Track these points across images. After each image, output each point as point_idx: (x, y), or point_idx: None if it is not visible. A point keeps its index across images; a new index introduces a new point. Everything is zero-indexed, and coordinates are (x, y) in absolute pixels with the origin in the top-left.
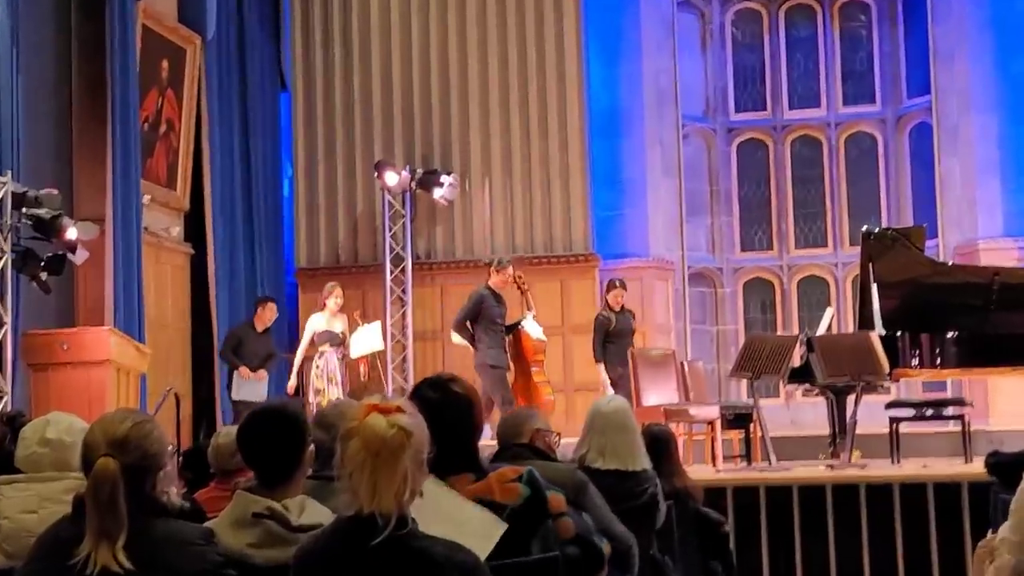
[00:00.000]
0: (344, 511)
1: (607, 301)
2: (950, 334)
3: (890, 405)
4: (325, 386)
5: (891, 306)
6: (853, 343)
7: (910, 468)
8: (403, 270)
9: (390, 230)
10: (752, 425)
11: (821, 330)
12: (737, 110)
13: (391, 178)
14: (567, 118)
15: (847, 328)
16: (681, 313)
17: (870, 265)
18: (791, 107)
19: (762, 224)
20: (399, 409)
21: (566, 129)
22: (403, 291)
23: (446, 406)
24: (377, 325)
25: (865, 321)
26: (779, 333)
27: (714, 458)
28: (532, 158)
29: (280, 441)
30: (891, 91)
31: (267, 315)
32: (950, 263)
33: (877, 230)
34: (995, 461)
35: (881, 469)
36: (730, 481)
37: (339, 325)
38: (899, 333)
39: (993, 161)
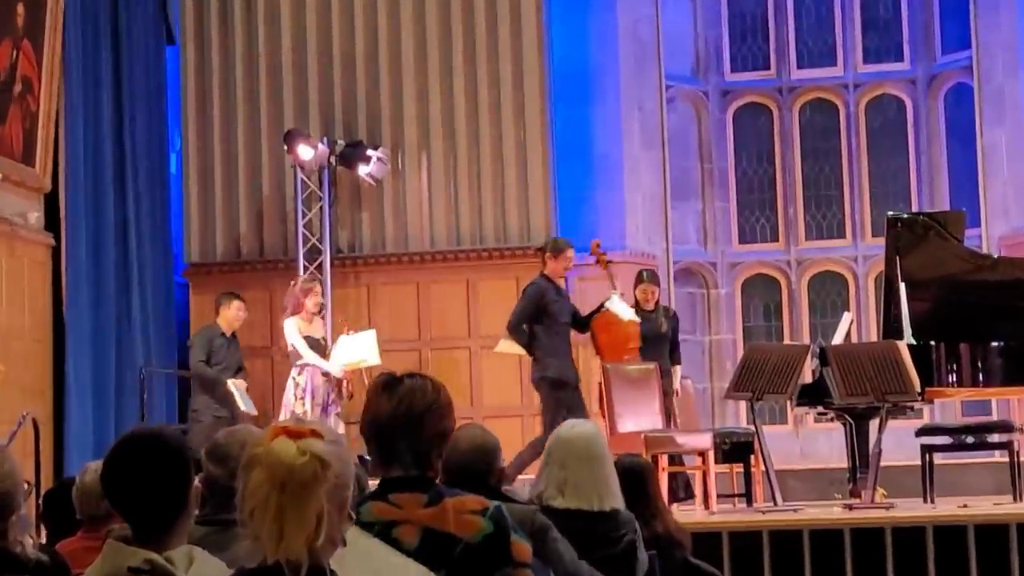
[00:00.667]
0: (245, 562)
1: (635, 298)
2: (995, 344)
3: (922, 432)
4: (308, 409)
5: (923, 310)
6: (876, 356)
7: (946, 508)
8: (320, 267)
9: (304, 217)
10: (753, 457)
11: (838, 339)
12: (733, 69)
13: (305, 152)
14: (524, 80)
15: (869, 337)
16: None
17: (897, 259)
18: (800, 65)
19: (765, 210)
20: (314, 433)
21: (523, 93)
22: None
23: (401, 404)
24: (371, 335)
25: (891, 329)
26: (786, 343)
27: (707, 497)
28: (481, 129)
29: (157, 478)
30: (922, 45)
31: (232, 314)
32: (995, 256)
33: (906, 216)
34: None
35: (911, 510)
36: (726, 525)
37: (319, 330)
38: (933, 343)
39: None
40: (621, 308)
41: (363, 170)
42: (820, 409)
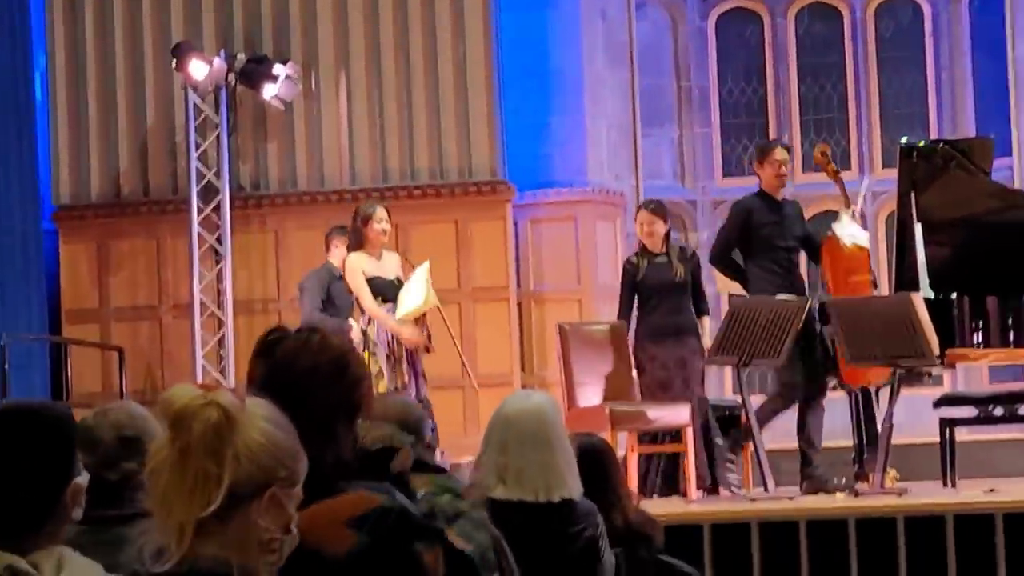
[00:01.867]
0: (149, 563)
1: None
2: None
3: (941, 402)
4: (385, 369)
5: (943, 256)
6: (887, 312)
7: (970, 493)
8: (218, 208)
9: (197, 148)
10: (741, 434)
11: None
12: None
13: (198, 69)
14: None
15: (880, 290)
16: None
17: (912, 196)
18: None
19: (755, 137)
20: (232, 393)
21: None
22: (218, 239)
23: (278, 370)
24: (420, 272)
25: (905, 279)
26: (778, 297)
27: (685, 482)
28: (411, 42)
29: (24, 464)
30: None
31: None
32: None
33: (922, 144)
34: None
35: (928, 495)
36: (709, 516)
37: (391, 269)
38: (955, 296)
39: None
40: (846, 229)
41: (269, 91)
42: None
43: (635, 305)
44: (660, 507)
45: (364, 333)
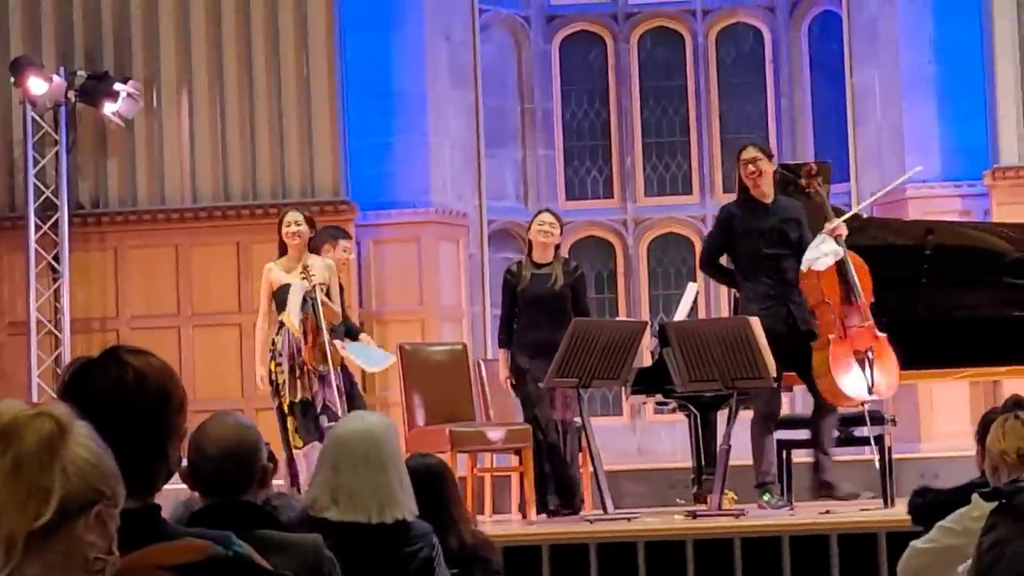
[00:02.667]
0: None
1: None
2: None
3: (779, 424)
4: (289, 378)
5: None
6: (726, 335)
7: (806, 515)
8: (56, 225)
9: (35, 165)
10: (581, 455)
11: (681, 315)
12: None
13: (37, 86)
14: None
15: (719, 312)
16: (478, 290)
17: None
18: None
19: (597, 160)
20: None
21: (305, 16)
22: (56, 257)
23: (112, 414)
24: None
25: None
26: (620, 318)
27: (524, 504)
28: (254, 60)
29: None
30: None
31: (338, 256)
32: (865, 216)
33: None
34: (922, 502)
35: (765, 516)
36: (547, 537)
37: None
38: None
39: (928, 72)
40: (808, 254)
41: (109, 108)
42: (660, 398)
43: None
44: (499, 528)
45: (272, 341)
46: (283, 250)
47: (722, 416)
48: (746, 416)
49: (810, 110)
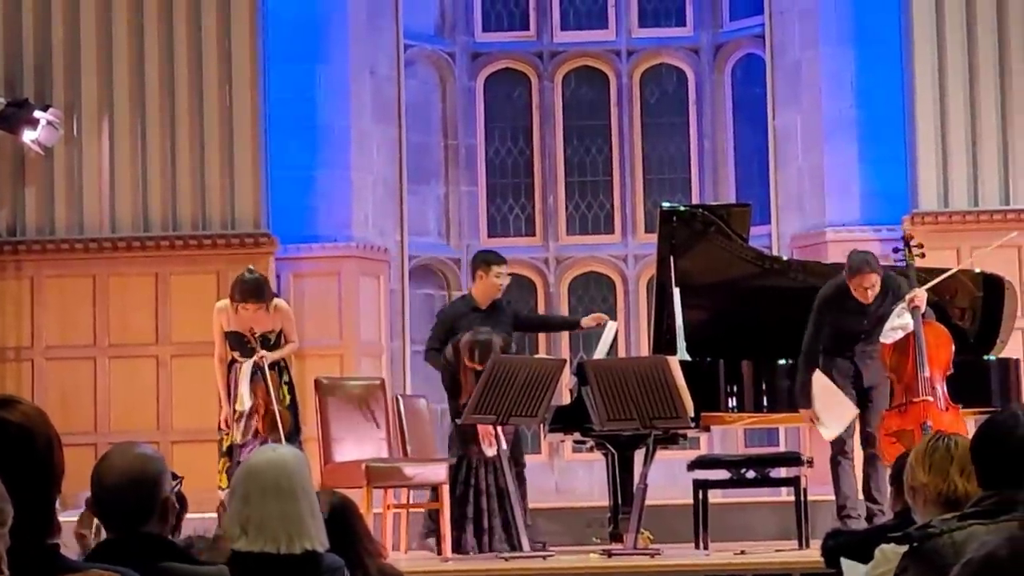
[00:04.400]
0: None
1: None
2: (783, 363)
3: (695, 464)
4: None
5: (700, 320)
6: (644, 373)
7: (721, 555)
8: None
9: None
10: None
11: (600, 353)
12: (486, 28)
13: None
14: (232, 30)
15: (640, 351)
16: (398, 326)
17: (671, 260)
18: (564, 26)
19: (520, 198)
20: None
21: (229, 47)
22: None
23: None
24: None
25: (663, 342)
26: (539, 356)
27: (440, 540)
28: (177, 89)
29: None
30: (708, 9)
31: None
32: (785, 259)
33: (682, 209)
34: (835, 544)
35: (680, 556)
36: (462, 574)
37: (261, 323)
38: (710, 360)
39: (849, 117)
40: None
41: (28, 136)
42: (578, 436)
43: None
44: (413, 564)
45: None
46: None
47: (639, 455)
48: (663, 456)
49: (732, 152)
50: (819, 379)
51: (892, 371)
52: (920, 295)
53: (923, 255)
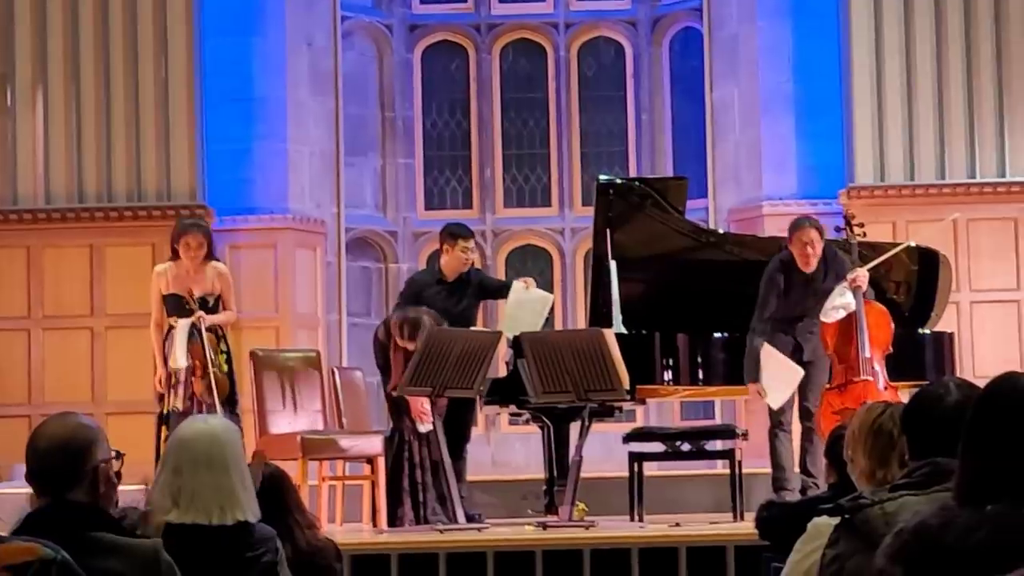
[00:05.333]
0: None
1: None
2: (718, 336)
3: (630, 437)
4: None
5: (636, 293)
6: (579, 346)
7: (656, 527)
8: None
9: None
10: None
11: (536, 325)
12: (423, 0)
13: None
14: (167, 1)
15: (577, 324)
16: (334, 299)
17: (608, 233)
18: None
19: (457, 170)
20: None
21: (165, 19)
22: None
23: None
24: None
25: (599, 315)
26: (474, 328)
27: (376, 513)
28: (112, 60)
29: None
30: None
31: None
32: (721, 232)
33: (619, 182)
34: (768, 515)
35: (615, 528)
36: (396, 546)
37: (200, 285)
38: (646, 333)
39: (785, 91)
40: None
41: None
42: (514, 409)
43: None
44: (348, 537)
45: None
46: (175, 254)
47: (575, 428)
48: (599, 428)
49: (670, 125)
50: (764, 348)
51: (834, 351)
52: (862, 275)
53: (864, 234)
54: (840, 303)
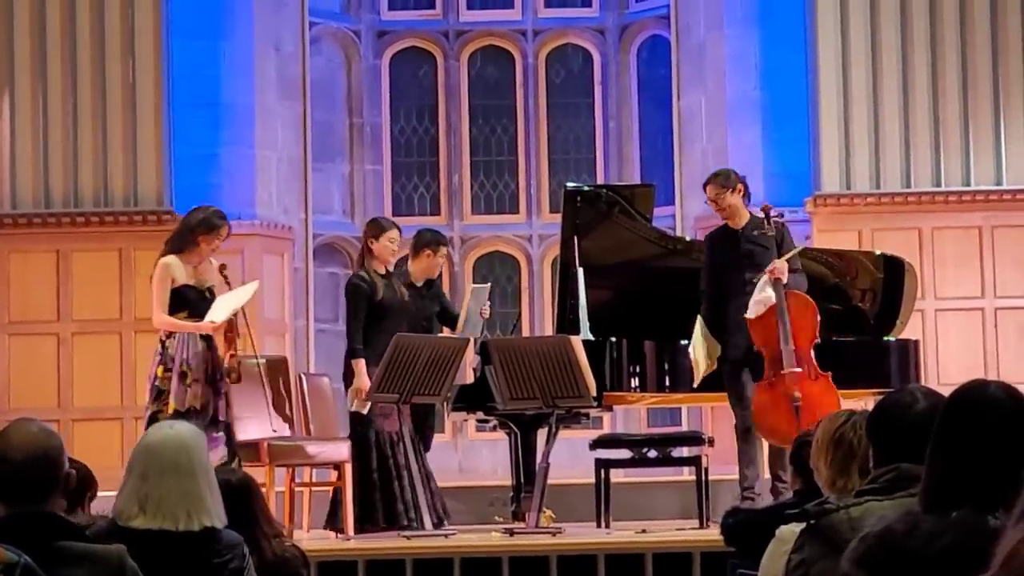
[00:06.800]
0: None
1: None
2: (685, 343)
3: (597, 444)
4: (176, 388)
5: (603, 300)
6: (546, 353)
7: (622, 534)
8: None
9: None
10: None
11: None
12: (391, 6)
13: None
14: (135, 3)
15: (544, 331)
16: (302, 304)
17: (575, 240)
18: (471, 6)
19: (424, 176)
20: None
21: (132, 22)
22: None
23: None
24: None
25: (567, 322)
26: (442, 335)
27: (343, 519)
28: (80, 65)
29: None
30: None
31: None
32: (688, 240)
33: (586, 189)
34: (733, 522)
35: (582, 535)
36: (364, 553)
37: (211, 278)
38: (613, 340)
39: (752, 99)
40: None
41: None
42: (481, 415)
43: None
44: (315, 544)
45: (163, 344)
46: (182, 248)
47: (542, 434)
48: (566, 435)
49: (637, 132)
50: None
51: (761, 345)
52: (780, 266)
53: (783, 224)
54: (760, 298)
